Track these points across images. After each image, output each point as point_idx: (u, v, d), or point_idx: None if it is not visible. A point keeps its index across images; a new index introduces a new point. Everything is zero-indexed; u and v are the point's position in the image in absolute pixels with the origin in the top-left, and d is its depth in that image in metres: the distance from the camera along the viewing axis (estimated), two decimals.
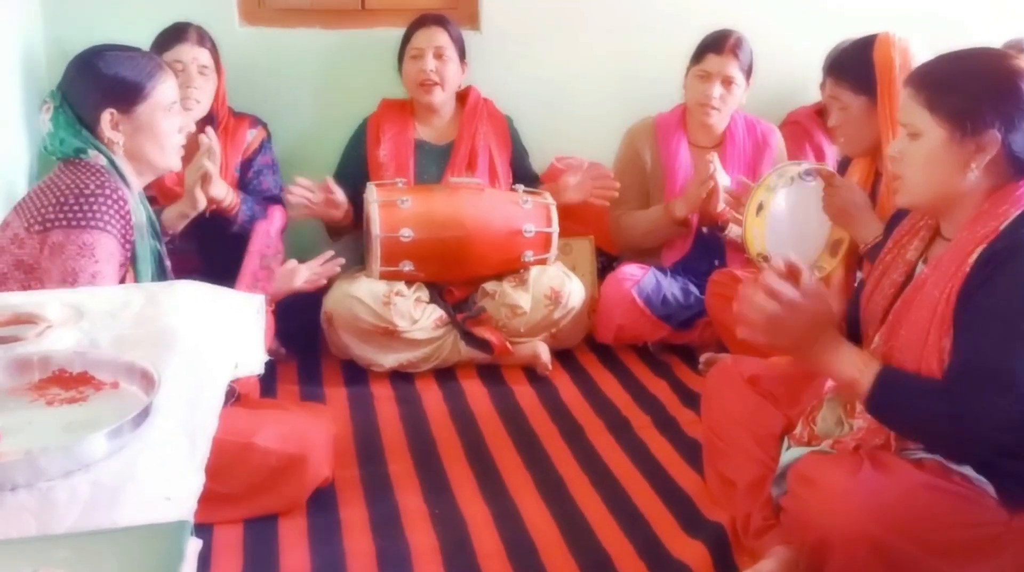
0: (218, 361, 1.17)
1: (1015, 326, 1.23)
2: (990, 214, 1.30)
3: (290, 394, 2.25)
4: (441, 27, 2.48)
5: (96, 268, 1.50)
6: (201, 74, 2.27)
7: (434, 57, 2.46)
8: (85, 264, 1.49)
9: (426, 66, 2.45)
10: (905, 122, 1.35)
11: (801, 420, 1.54)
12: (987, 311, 1.24)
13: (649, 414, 2.16)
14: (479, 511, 1.75)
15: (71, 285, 1.46)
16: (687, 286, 2.51)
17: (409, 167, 2.51)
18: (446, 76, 2.48)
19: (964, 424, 1.24)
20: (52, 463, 0.86)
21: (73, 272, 1.48)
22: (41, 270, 1.52)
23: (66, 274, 1.48)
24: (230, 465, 1.59)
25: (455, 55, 2.50)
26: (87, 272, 1.49)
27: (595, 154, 2.81)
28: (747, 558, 1.54)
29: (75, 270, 1.48)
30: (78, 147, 1.60)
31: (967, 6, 2.91)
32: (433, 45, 2.46)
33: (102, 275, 1.50)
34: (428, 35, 2.47)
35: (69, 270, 1.48)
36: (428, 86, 2.47)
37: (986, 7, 2.93)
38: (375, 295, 2.32)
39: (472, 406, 2.22)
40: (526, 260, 2.42)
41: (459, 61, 2.52)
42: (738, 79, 2.44)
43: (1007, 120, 1.27)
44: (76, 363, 1.08)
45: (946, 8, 2.86)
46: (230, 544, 1.62)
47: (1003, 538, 1.27)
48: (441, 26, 2.48)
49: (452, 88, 2.53)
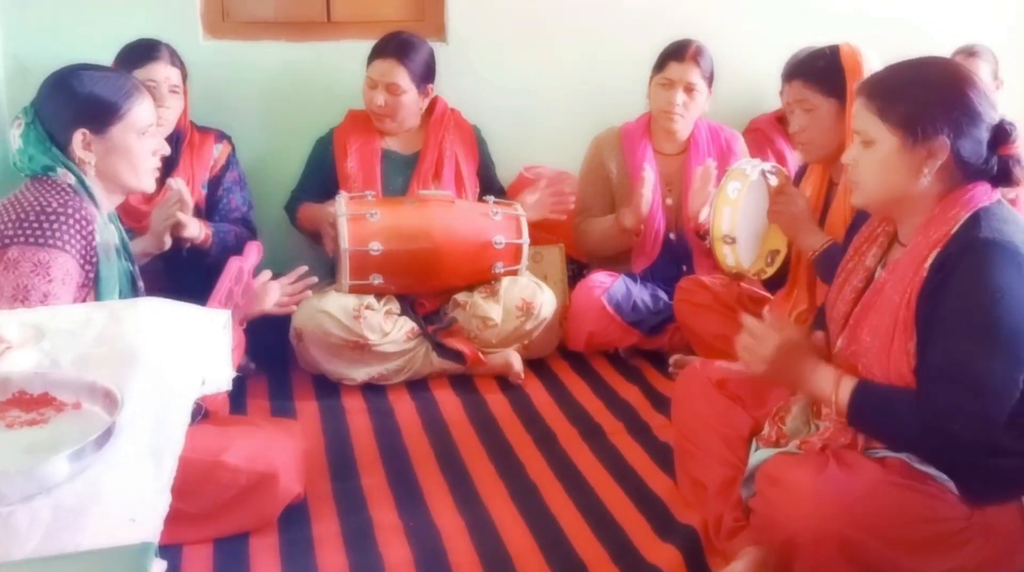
0: (184, 378, 1.15)
1: (977, 327, 1.26)
2: (941, 218, 1.34)
3: (260, 410, 2.23)
4: (398, 60, 2.42)
5: (48, 288, 1.47)
6: (173, 93, 2.26)
7: (385, 90, 2.44)
8: (38, 282, 1.46)
9: (376, 99, 2.44)
10: (858, 130, 1.39)
11: (768, 421, 1.56)
12: (948, 315, 1.28)
13: (621, 420, 2.17)
14: (453, 522, 1.74)
15: (22, 303, 1.43)
16: (656, 292, 2.53)
17: (376, 177, 2.50)
18: (397, 108, 2.45)
19: (940, 431, 1.27)
20: (12, 487, 0.84)
21: (25, 289, 1.45)
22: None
23: (17, 291, 1.45)
24: (198, 484, 1.56)
25: (411, 87, 2.44)
26: (39, 291, 1.46)
27: (562, 163, 2.84)
28: (719, 560, 1.55)
29: (27, 288, 1.46)
30: (46, 165, 1.58)
31: (927, 12, 2.98)
32: (385, 80, 2.43)
33: (54, 295, 1.47)
34: (382, 68, 2.43)
35: (21, 287, 1.45)
36: (378, 116, 2.48)
37: (945, 12, 3.01)
38: (345, 309, 2.31)
39: (445, 416, 2.21)
40: (496, 271, 2.43)
41: (418, 90, 2.47)
42: (700, 86, 2.48)
43: (955, 127, 1.31)
44: (37, 384, 1.06)
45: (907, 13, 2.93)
46: (199, 564, 1.59)
47: (964, 533, 1.30)
48: (398, 59, 2.42)
49: (406, 116, 2.49)
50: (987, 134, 1.33)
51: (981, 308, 1.26)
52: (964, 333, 1.26)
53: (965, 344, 1.26)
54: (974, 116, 1.32)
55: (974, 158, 1.33)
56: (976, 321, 1.26)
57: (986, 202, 1.33)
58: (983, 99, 1.33)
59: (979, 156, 1.33)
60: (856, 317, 1.42)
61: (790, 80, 2.04)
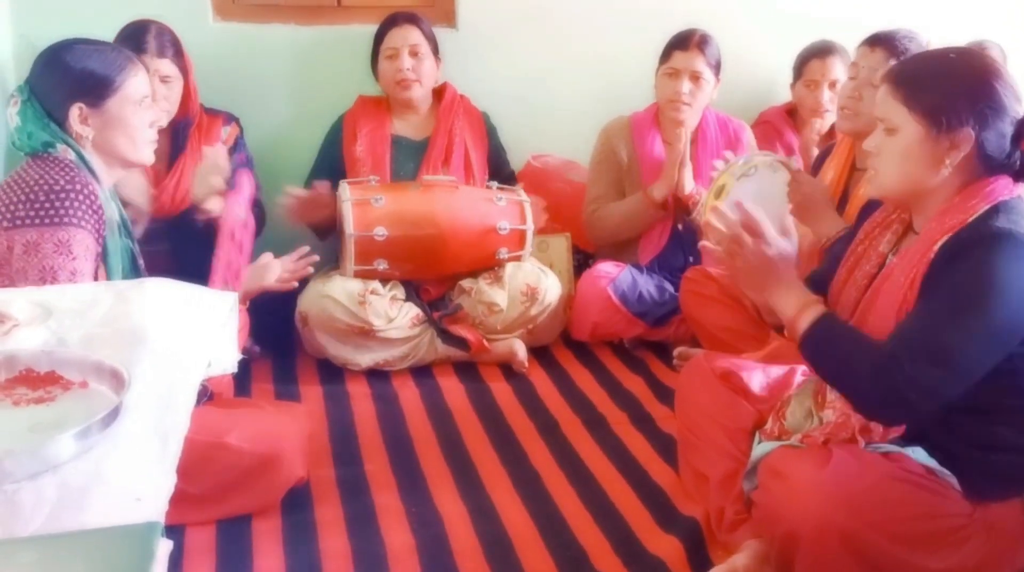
0: (190, 360, 1.15)
1: (965, 307, 1.25)
2: (959, 208, 1.32)
3: (265, 393, 2.24)
4: (413, 25, 2.48)
5: (75, 265, 1.48)
6: (164, 83, 2.17)
7: (410, 55, 2.46)
8: (63, 262, 1.47)
9: (403, 64, 2.45)
10: (882, 117, 1.37)
11: (771, 415, 1.56)
12: (942, 291, 1.27)
13: (625, 410, 2.17)
14: (456, 509, 1.75)
15: (51, 284, 1.44)
16: (662, 283, 2.52)
17: (385, 163, 2.50)
18: (423, 73, 2.48)
19: (889, 383, 1.25)
20: (18, 465, 0.85)
21: (52, 270, 1.46)
22: (8, 267, 1.49)
23: (44, 273, 1.46)
24: (201, 465, 1.57)
25: (429, 52, 2.50)
26: (66, 270, 1.47)
27: (570, 152, 2.82)
28: (721, 552, 1.56)
29: (53, 268, 1.46)
30: (46, 141, 1.58)
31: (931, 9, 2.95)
32: (408, 44, 2.46)
33: (81, 272, 1.49)
34: (402, 34, 2.47)
35: (48, 269, 1.46)
36: (406, 84, 2.47)
37: (950, 11, 2.98)
38: (350, 294, 2.31)
39: (449, 403, 2.22)
40: (501, 257, 2.43)
41: (434, 57, 2.52)
42: (706, 75, 2.46)
43: (981, 118, 1.30)
44: (43, 362, 1.06)
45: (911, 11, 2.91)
46: (202, 545, 1.60)
47: (966, 529, 1.30)
48: (413, 24, 2.49)
49: (429, 84, 2.53)
50: (1011, 128, 1.31)
51: (977, 292, 1.24)
52: (949, 309, 1.25)
53: (946, 319, 1.25)
54: (1000, 109, 1.30)
55: (997, 152, 1.31)
56: (966, 302, 1.24)
57: (1007, 196, 1.32)
58: (1010, 92, 1.31)
59: (1002, 150, 1.31)
60: (866, 302, 1.41)
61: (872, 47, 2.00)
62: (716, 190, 1.99)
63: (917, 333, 1.26)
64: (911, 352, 1.24)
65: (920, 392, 1.24)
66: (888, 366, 1.25)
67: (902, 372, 1.24)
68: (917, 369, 1.23)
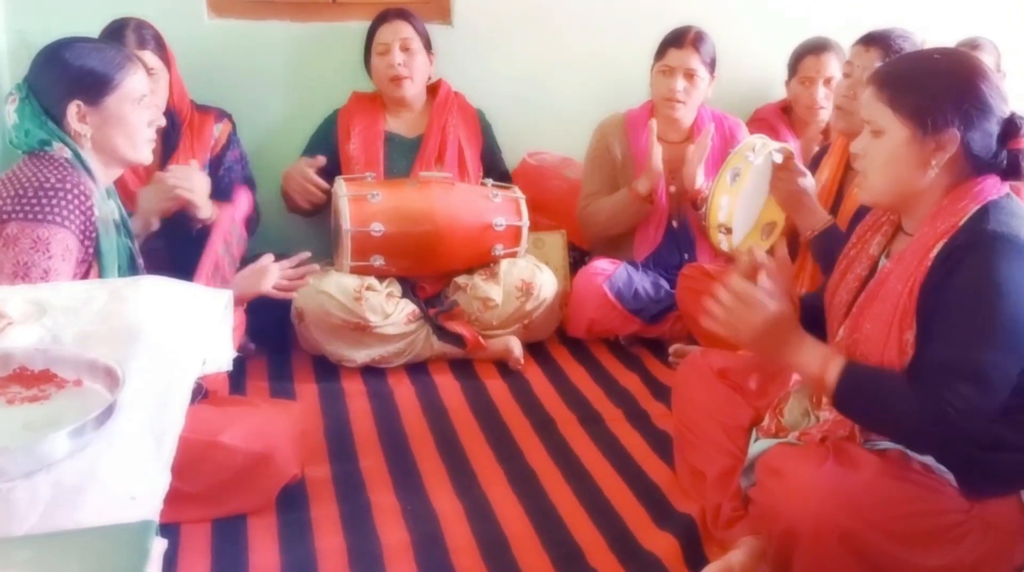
0: (185, 358, 1.15)
1: (980, 319, 1.25)
2: (950, 210, 1.33)
3: (260, 391, 2.23)
4: (404, 20, 2.48)
5: (49, 264, 1.47)
6: (149, 76, 2.08)
7: (401, 50, 2.46)
8: (38, 259, 1.46)
9: (394, 60, 2.45)
10: (868, 119, 1.37)
11: (768, 412, 1.56)
12: (952, 306, 1.27)
13: (620, 407, 2.17)
14: (451, 506, 1.75)
15: (22, 279, 1.43)
16: (658, 280, 2.53)
17: (379, 160, 2.50)
18: (414, 68, 2.48)
19: (931, 416, 1.26)
20: (12, 463, 0.84)
21: (25, 266, 1.45)
22: None
23: (18, 267, 1.45)
24: (195, 463, 1.56)
25: (421, 47, 2.50)
26: (39, 267, 1.46)
27: (566, 149, 2.82)
28: (717, 549, 1.56)
29: (27, 264, 1.45)
30: (43, 139, 1.57)
31: (931, 9, 2.96)
32: (399, 38, 2.46)
33: (55, 271, 1.47)
34: (393, 29, 2.47)
35: (21, 264, 1.45)
36: (398, 80, 2.47)
37: (949, 11, 2.98)
38: (346, 290, 2.31)
39: (444, 400, 2.21)
40: (496, 254, 2.43)
41: (426, 53, 2.52)
42: (700, 72, 2.46)
43: (966, 119, 1.30)
44: (38, 360, 1.06)
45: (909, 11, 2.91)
46: (197, 544, 1.60)
47: (963, 526, 1.30)
48: (404, 19, 2.48)
49: (422, 80, 2.53)
50: (997, 127, 1.31)
51: (984, 300, 1.25)
52: (966, 325, 1.26)
53: (967, 335, 1.25)
54: (985, 109, 1.30)
55: (984, 152, 1.32)
56: (979, 313, 1.25)
57: (995, 195, 1.32)
58: (995, 92, 1.31)
59: (989, 150, 1.32)
60: (860, 306, 1.41)
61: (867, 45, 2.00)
62: (729, 174, 1.97)
63: (944, 357, 1.26)
64: (945, 377, 1.25)
65: (965, 413, 1.24)
66: (928, 398, 1.25)
67: (943, 399, 1.24)
68: (955, 392, 1.24)
